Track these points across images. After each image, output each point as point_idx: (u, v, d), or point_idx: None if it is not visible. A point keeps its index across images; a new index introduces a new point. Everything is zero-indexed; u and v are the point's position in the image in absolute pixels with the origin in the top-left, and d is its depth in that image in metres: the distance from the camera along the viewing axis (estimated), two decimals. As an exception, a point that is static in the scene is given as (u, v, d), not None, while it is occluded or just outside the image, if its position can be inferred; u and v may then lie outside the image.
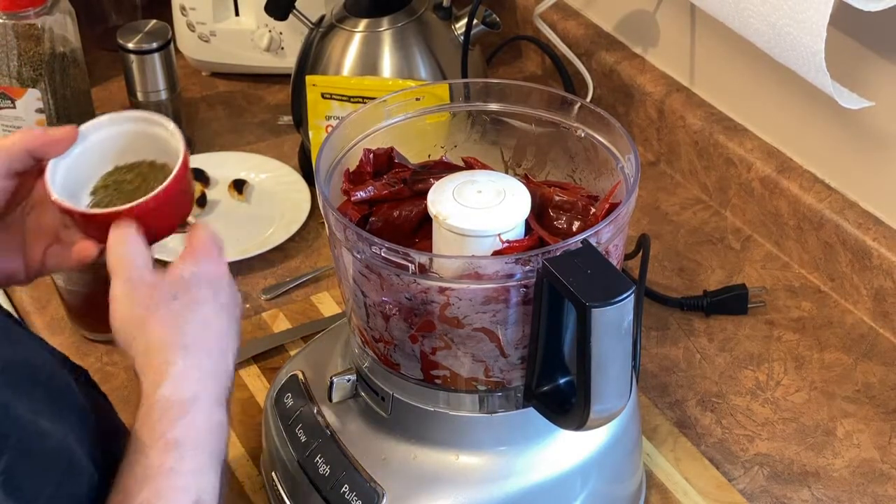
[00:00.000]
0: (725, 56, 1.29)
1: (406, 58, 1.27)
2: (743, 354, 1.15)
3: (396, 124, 0.96)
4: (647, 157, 1.40)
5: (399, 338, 0.87)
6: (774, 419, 1.09)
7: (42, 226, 0.90)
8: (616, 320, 0.78)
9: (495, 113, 0.96)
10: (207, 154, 1.40)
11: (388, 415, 0.91)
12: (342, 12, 1.30)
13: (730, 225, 1.30)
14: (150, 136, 0.90)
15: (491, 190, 0.86)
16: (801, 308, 1.20)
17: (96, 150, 0.89)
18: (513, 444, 0.91)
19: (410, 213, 0.91)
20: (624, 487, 0.98)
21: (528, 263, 0.81)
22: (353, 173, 0.93)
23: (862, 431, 1.07)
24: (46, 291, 1.21)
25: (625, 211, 0.85)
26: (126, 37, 1.35)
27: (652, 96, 1.36)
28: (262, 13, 1.34)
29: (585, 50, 1.44)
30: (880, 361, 1.14)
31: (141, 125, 0.90)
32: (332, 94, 1.22)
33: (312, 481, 0.92)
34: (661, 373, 1.13)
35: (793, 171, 1.23)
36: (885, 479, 1.03)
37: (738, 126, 1.30)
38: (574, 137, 0.94)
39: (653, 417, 1.08)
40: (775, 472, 1.04)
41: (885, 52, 1.09)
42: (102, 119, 0.90)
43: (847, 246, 1.17)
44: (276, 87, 1.52)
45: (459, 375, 0.88)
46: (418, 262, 0.81)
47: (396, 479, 0.90)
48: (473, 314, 0.83)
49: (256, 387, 1.10)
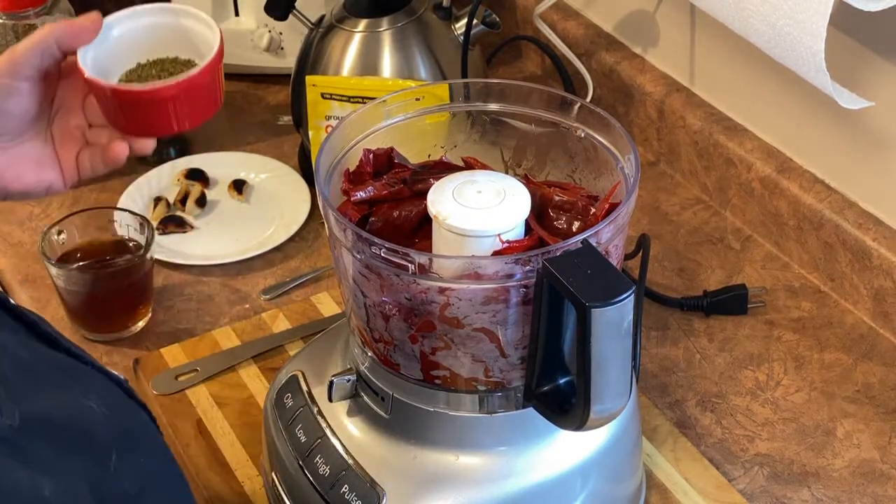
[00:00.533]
0: (725, 56, 1.29)
1: (406, 58, 1.27)
2: (743, 355, 1.15)
3: (396, 124, 0.96)
4: (647, 158, 1.40)
5: (399, 338, 0.87)
6: (774, 419, 1.09)
7: (70, 129, 0.92)
8: (616, 320, 0.78)
9: (495, 113, 0.96)
10: (207, 154, 1.40)
11: (387, 415, 0.91)
12: (342, 12, 1.30)
13: (730, 225, 1.30)
14: (180, 29, 0.88)
15: (491, 190, 0.86)
16: (801, 308, 1.20)
17: (122, 44, 0.87)
18: (513, 445, 0.90)
19: (410, 214, 0.91)
20: (624, 488, 0.98)
21: (528, 263, 0.81)
22: (352, 173, 0.93)
23: (862, 432, 1.07)
24: (46, 292, 1.21)
25: (625, 211, 0.85)
26: (126, 37, 1.35)
27: (652, 96, 1.36)
28: (262, 13, 1.34)
29: (585, 50, 1.44)
30: (880, 362, 1.14)
31: (168, 17, 0.88)
32: (332, 95, 1.22)
33: (312, 481, 0.92)
34: (661, 373, 1.13)
35: (793, 171, 1.23)
36: (886, 480, 1.03)
37: (738, 126, 1.30)
38: (574, 137, 0.94)
39: (653, 418, 1.08)
40: (775, 473, 1.04)
41: (885, 52, 1.09)
42: (127, 11, 0.88)
43: (847, 246, 1.17)
44: (275, 87, 1.52)
45: (459, 375, 0.88)
46: (418, 263, 0.81)
47: (396, 479, 0.90)
48: (473, 314, 0.83)
49: (256, 387, 1.10)
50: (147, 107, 0.87)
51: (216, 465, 1.04)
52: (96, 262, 1.16)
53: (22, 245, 1.29)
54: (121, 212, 1.18)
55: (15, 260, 1.27)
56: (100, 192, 1.36)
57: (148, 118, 0.88)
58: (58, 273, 1.13)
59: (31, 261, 1.26)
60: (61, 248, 1.16)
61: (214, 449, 1.05)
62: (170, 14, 0.88)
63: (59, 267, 1.13)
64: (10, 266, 1.27)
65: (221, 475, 1.03)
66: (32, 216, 1.33)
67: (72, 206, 1.32)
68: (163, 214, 1.31)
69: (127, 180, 1.35)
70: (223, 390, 1.10)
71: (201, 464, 1.04)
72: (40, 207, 1.34)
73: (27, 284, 1.24)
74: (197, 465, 1.04)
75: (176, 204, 1.32)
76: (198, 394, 1.10)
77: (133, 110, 0.85)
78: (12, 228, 1.31)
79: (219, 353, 1.14)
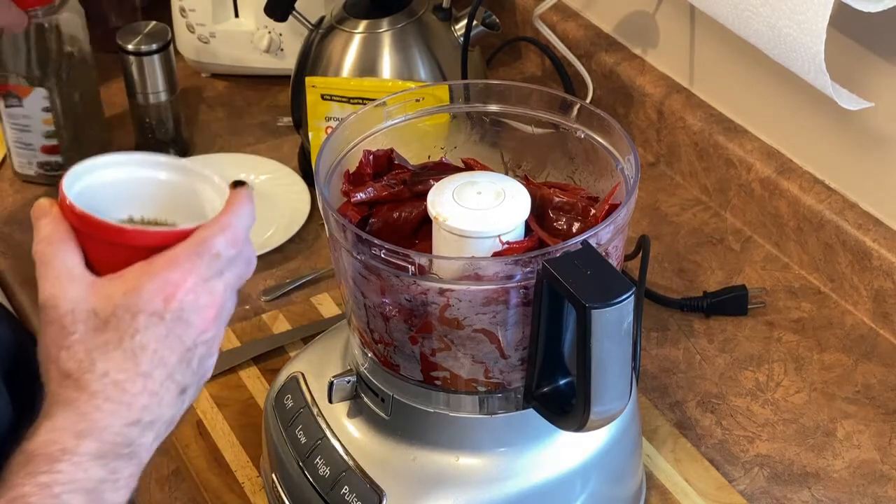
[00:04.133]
0: (725, 57, 1.29)
1: (406, 59, 1.27)
2: (743, 355, 1.15)
3: (396, 125, 0.96)
4: (647, 159, 1.40)
5: (399, 339, 0.87)
6: (774, 420, 1.09)
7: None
8: (616, 321, 0.78)
9: (495, 114, 0.96)
10: (207, 155, 1.40)
11: (387, 416, 0.91)
12: (342, 13, 1.30)
13: (730, 226, 1.30)
14: (186, 190, 0.76)
15: (491, 191, 0.86)
16: (801, 309, 1.20)
17: (117, 189, 0.75)
18: (513, 446, 0.90)
19: (410, 215, 0.91)
20: (624, 489, 0.98)
21: (527, 265, 0.81)
22: (352, 175, 0.93)
23: (862, 432, 1.07)
24: (46, 293, 1.21)
25: (625, 212, 0.85)
26: (126, 38, 1.35)
27: (652, 97, 1.36)
28: (262, 14, 1.34)
29: (585, 51, 1.44)
30: (880, 362, 1.14)
31: (177, 175, 0.76)
32: (332, 96, 1.22)
33: (312, 482, 0.92)
34: (661, 374, 1.13)
35: (793, 171, 1.23)
36: (886, 480, 1.03)
37: (737, 127, 1.30)
38: (574, 138, 0.94)
39: (653, 418, 1.08)
40: (775, 474, 1.04)
41: (885, 52, 1.09)
42: (131, 157, 0.76)
43: (847, 247, 1.17)
44: (275, 88, 1.52)
45: (459, 377, 0.88)
46: (418, 264, 0.81)
47: (396, 480, 0.90)
48: (473, 315, 0.83)
49: (256, 388, 1.10)
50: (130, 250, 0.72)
51: (216, 466, 1.04)
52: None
53: (22, 246, 1.29)
54: (121, 213, 1.18)
55: (15, 261, 1.27)
56: (100, 194, 1.36)
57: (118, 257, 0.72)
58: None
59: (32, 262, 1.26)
60: (61, 249, 1.16)
61: (214, 450, 1.05)
62: (181, 172, 0.76)
63: (59, 268, 1.13)
64: (10, 267, 1.27)
65: (221, 476, 1.03)
66: (32, 217, 1.33)
67: (72, 207, 1.32)
68: (163, 216, 1.31)
69: (127, 181, 1.35)
70: (223, 391, 1.10)
71: (201, 465, 1.04)
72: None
73: (27, 285, 1.24)
74: (197, 466, 1.04)
75: (176, 205, 1.32)
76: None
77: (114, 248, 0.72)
78: (12, 230, 1.31)
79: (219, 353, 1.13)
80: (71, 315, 0.70)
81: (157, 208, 0.76)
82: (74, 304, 0.70)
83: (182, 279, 0.70)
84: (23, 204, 1.35)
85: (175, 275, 0.70)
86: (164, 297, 0.70)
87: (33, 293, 1.22)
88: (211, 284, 0.72)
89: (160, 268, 0.70)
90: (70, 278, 0.71)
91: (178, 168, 0.76)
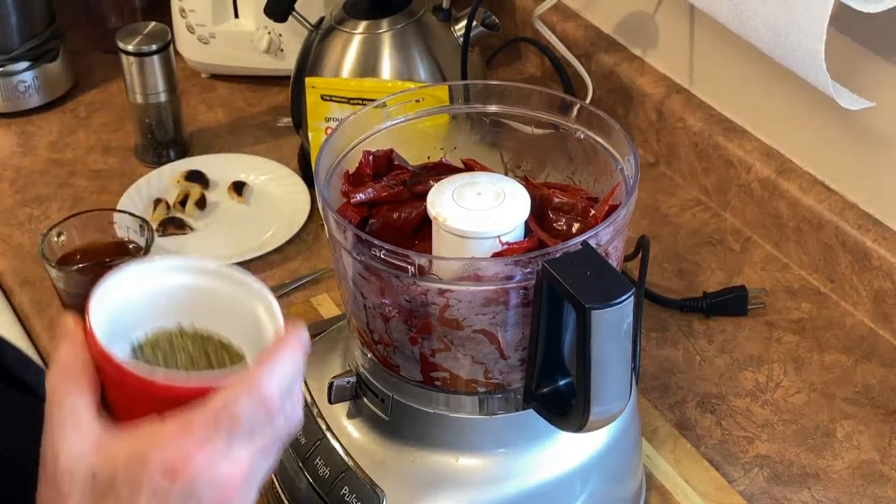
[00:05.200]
0: (725, 57, 1.29)
1: (405, 59, 1.27)
2: (743, 356, 1.15)
3: (396, 126, 0.96)
4: (647, 159, 1.40)
5: (399, 340, 0.87)
6: (774, 421, 1.09)
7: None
8: (616, 322, 0.78)
9: (495, 114, 0.96)
10: (207, 156, 1.40)
11: (387, 417, 0.91)
12: (342, 14, 1.30)
13: (729, 226, 1.30)
14: (236, 303, 0.67)
15: (490, 192, 0.86)
16: (800, 309, 1.20)
17: (168, 296, 0.67)
18: (512, 446, 0.90)
19: (410, 215, 0.91)
20: (624, 489, 0.98)
21: (527, 265, 0.81)
22: (352, 175, 0.93)
23: (862, 433, 1.07)
24: (47, 294, 1.21)
25: (624, 212, 0.85)
26: (125, 39, 1.35)
27: (651, 98, 1.36)
28: (262, 15, 1.34)
29: (585, 51, 1.44)
30: (880, 363, 1.14)
31: (233, 288, 0.67)
32: (332, 96, 1.22)
33: (312, 483, 0.92)
34: (660, 374, 1.13)
35: (792, 172, 1.23)
36: (885, 481, 1.03)
37: (737, 127, 1.30)
38: (573, 139, 0.94)
39: (653, 419, 1.08)
40: (775, 474, 1.04)
41: (885, 52, 1.09)
42: (185, 262, 0.68)
43: (847, 247, 1.17)
44: (275, 88, 1.52)
45: (459, 377, 0.88)
46: (418, 264, 0.81)
47: (396, 480, 0.90)
48: (473, 316, 0.83)
49: (256, 389, 1.10)
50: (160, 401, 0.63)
51: (216, 466, 1.04)
52: (96, 263, 1.16)
53: (22, 247, 1.29)
54: (121, 213, 1.18)
55: (15, 262, 1.27)
56: (99, 194, 1.36)
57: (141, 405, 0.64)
58: (58, 275, 1.13)
59: (31, 263, 1.26)
60: (61, 250, 1.16)
61: (214, 451, 1.05)
62: (238, 286, 0.67)
63: (59, 269, 1.13)
64: (10, 268, 1.27)
65: (221, 477, 1.03)
66: (32, 218, 1.33)
67: (72, 208, 1.32)
68: (163, 216, 1.31)
69: (127, 182, 1.35)
70: (223, 392, 1.10)
71: (201, 466, 1.04)
72: (40, 209, 1.34)
73: (27, 286, 1.24)
74: (197, 466, 1.04)
75: (176, 206, 1.32)
76: (198, 396, 1.10)
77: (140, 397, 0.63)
78: (12, 230, 1.31)
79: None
80: (69, 475, 0.62)
81: (206, 318, 0.68)
82: (74, 463, 0.62)
83: (194, 450, 0.61)
84: (21, 206, 1.35)
85: (187, 444, 0.61)
86: (172, 471, 0.61)
87: (33, 293, 1.23)
88: (233, 454, 0.62)
89: (171, 435, 0.61)
90: (76, 428, 0.63)
91: (229, 278, 0.68)
